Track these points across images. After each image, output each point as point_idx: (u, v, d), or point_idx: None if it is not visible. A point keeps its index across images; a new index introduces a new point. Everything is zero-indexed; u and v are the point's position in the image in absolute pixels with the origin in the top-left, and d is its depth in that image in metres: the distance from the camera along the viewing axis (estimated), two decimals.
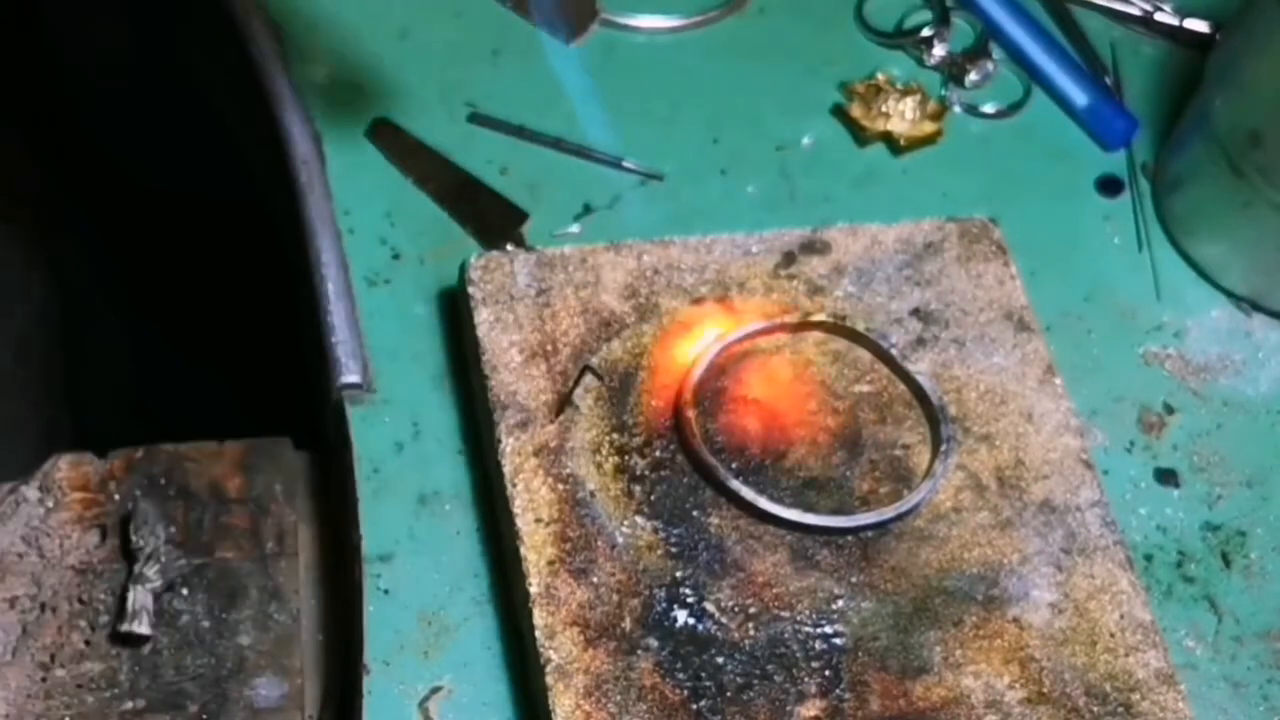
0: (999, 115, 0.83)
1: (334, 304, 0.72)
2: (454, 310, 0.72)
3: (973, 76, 0.84)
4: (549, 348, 0.67)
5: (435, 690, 0.62)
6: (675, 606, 0.61)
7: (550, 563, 0.61)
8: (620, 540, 0.62)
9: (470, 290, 0.69)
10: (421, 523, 0.66)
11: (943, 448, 0.66)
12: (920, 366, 0.69)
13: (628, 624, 0.60)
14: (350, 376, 0.70)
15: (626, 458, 0.65)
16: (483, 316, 0.68)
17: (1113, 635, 0.62)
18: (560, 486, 0.64)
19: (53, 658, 0.65)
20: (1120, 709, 0.60)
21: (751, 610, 0.61)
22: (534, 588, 0.61)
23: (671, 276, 0.70)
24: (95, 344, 1.13)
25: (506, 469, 0.64)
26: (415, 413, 0.69)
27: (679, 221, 0.74)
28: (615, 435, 0.65)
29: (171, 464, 0.71)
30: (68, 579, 0.68)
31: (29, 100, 1.15)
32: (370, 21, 0.82)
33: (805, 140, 0.81)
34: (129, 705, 0.64)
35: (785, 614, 0.61)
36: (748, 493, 0.63)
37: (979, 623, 0.62)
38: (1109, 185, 0.81)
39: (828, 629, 0.61)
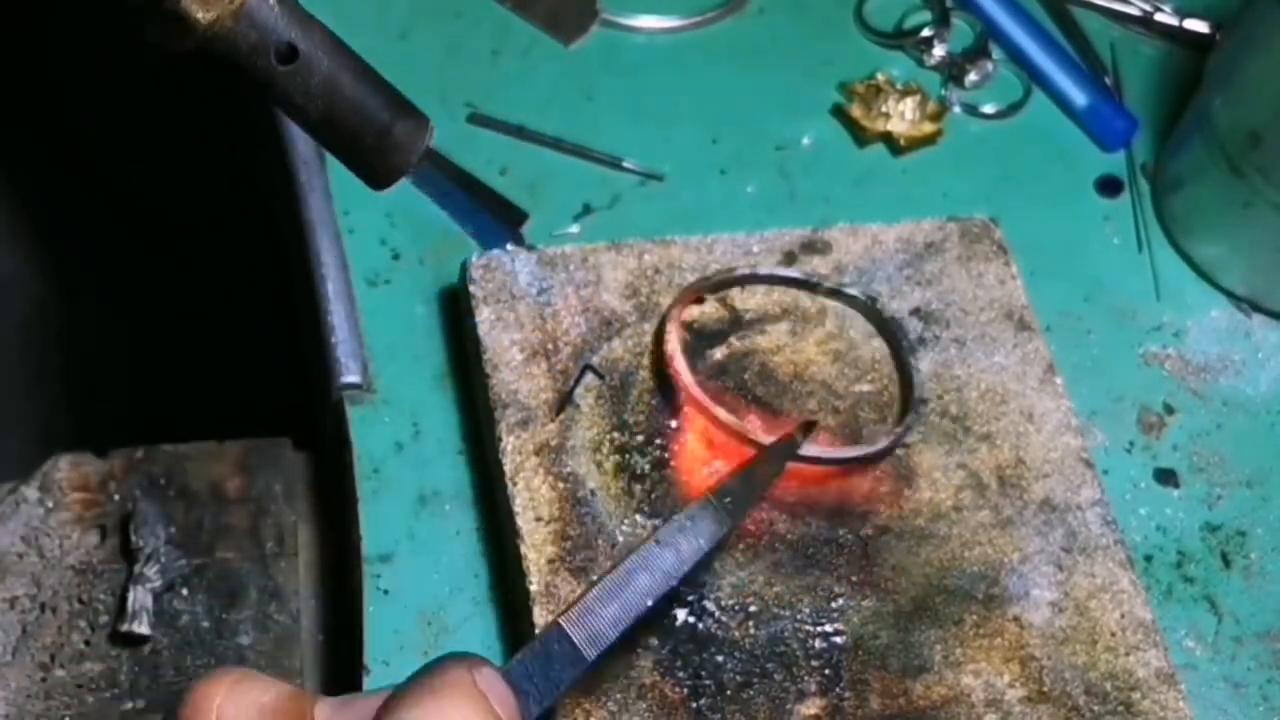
0: (999, 115, 0.83)
1: (334, 304, 0.72)
2: (454, 309, 0.72)
3: (972, 77, 0.84)
4: (550, 346, 0.67)
5: None
6: (675, 605, 0.61)
7: (550, 561, 0.61)
8: (621, 539, 0.62)
9: (471, 289, 0.69)
10: (421, 523, 0.66)
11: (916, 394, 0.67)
12: (921, 366, 0.69)
13: None
14: (350, 376, 0.70)
15: (627, 456, 0.65)
16: (483, 315, 0.68)
17: (1113, 634, 0.62)
18: (561, 485, 0.64)
19: (53, 658, 0.65)
20: (1120, 708, 0.60)
21: (751, 609, 0.61)
22: (534, 586, 0.61)
23: (672, 276, 0.70)
24: (95, 343, 1.13)
25: (507, 468, 0.64)
26: (415, 413, 0.69)
27: (679, 221, 0.74)
28: (616, 434, 0.65)
29: (171, 464, 0.71)
30: (68, 579, 0.68)
31: (29, 101, 1.15)
32: (370, 21, 0.82)
33: (805, 140, 0.81)
34: (129, 705, 0.64)
35: (785, 612, 0.61)
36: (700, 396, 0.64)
37: (979, 621, 0.62)
38: (1109, 185, 0.81)
39: (828, 627, 0.61)
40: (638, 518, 0.63)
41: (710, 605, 0.61)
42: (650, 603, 0.53)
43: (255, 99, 0.48)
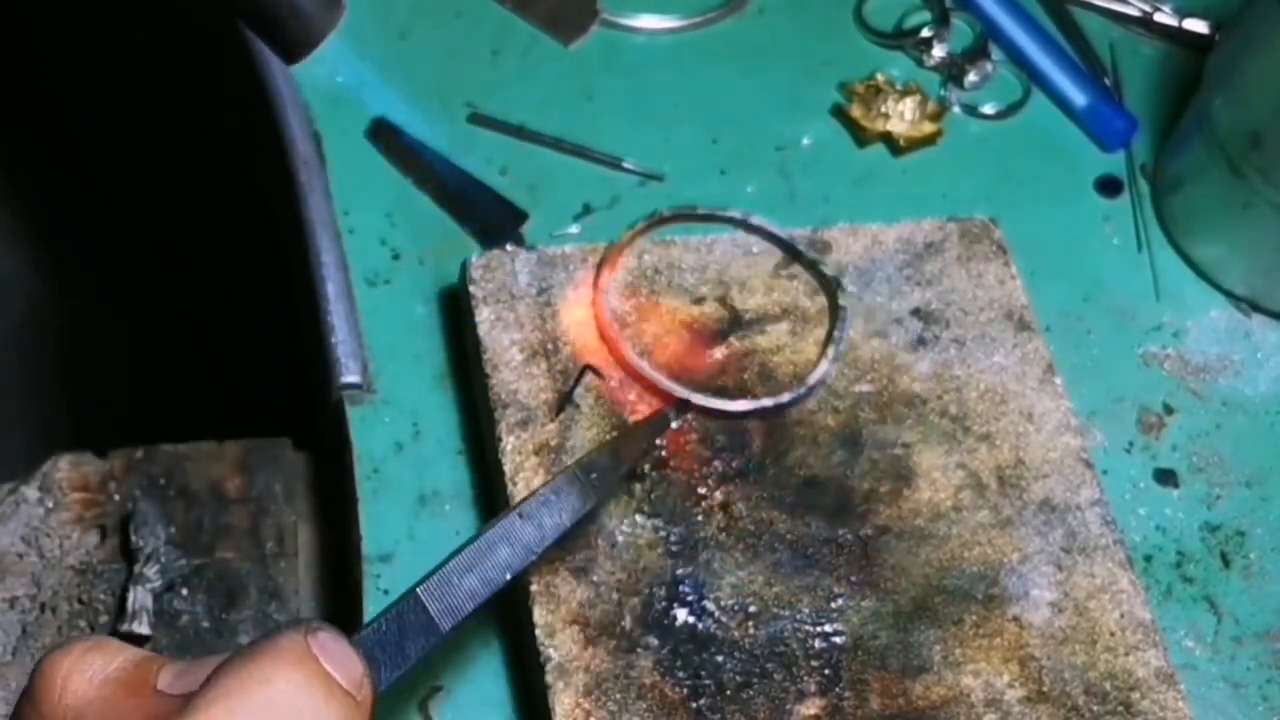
0: (998, 116, 0.83)
1: (334, 304, 0.72)
2: (454, 309, 0.72)
3: (972, 77, 0.84)
4: (549, 346, 0.67)
5: (435, 690, 0.62)
6: (675, 605, 0.61)
7: (550, 561, 0.61)
8: (620, 538, 0.62)
9: (471, 289, 0.69)
10: (421, 523, 0.66)
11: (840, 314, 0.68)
12: (921, 366, 0.69)
13: (628, 622, 0.60)
14: (350, 376, 0.70)
15: None
16: (484, 315, 0.68)
17: (1113, 634, 0.62)
18: None
19: None
20: (1120, 708, 0.61)
21: (751, 609, 0.61)
22: (534, 586, 0.61)
23: (672, 276, 0.70)
24: (94, 344, 1.13)
25: (507, 467, 0.64)
26: (415, 413, 0.70)
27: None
28: (616, 434, 0.65)
29: (171, 464, 0.71)
30: (68, 579, 0.68)
31: (29, 101, 1.15)
32: (370, 21, 0.82)
33: (805, 140, 0.81)
34: None
35: (785, 613, 0.61)
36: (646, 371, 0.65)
37: (979, 621, 0.62)
38: (1108, 186, 0.81)
39: (827, 628, 0.61)
40: (638, 518, 0.63)
41: (710, 605, 0.61)
42: (509, 576, 0.52)
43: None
